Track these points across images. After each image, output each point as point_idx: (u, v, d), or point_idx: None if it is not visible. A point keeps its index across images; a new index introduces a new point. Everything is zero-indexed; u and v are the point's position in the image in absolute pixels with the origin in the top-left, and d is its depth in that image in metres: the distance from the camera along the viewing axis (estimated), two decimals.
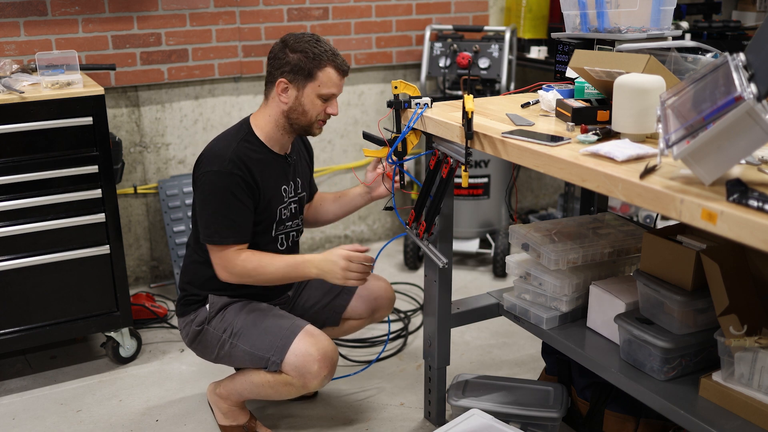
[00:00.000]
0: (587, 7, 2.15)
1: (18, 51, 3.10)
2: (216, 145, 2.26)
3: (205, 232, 2.22)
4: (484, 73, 3.63)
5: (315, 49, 2.17)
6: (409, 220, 2.34)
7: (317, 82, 2.18)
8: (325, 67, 2.18)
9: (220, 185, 2.17)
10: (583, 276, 2.24)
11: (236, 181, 2.18)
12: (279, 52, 2.21)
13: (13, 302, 2.65)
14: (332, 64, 2.18)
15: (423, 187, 2.25)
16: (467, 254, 3.88)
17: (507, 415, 2.28)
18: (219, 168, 2.17)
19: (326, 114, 2.25)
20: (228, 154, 2.19)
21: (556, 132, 1.90)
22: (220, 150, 2.22)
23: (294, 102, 2.21)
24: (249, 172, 2.20)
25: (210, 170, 2.19)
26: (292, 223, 2.42)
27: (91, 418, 2.57)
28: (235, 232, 2.20)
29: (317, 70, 2.17)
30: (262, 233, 2.31)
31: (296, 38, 2.20)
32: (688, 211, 1.42)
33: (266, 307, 2.34)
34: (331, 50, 2.20)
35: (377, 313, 2.59)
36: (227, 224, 2.19)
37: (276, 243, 2.37)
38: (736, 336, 1.73)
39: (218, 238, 2.20)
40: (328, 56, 2.18)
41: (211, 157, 2.21)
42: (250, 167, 2.21)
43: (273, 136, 2.28)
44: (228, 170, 2.17)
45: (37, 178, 2.60)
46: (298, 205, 2.42)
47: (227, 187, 2.17)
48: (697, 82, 1.54)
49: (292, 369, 2.19)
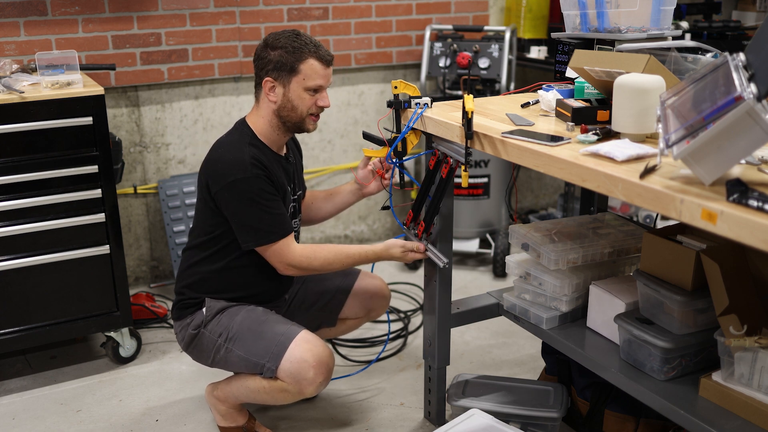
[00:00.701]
0: (587, 7, 2.15)
1: (18, 51, 3.10)
2: (227, 153, 2.22)
3: (255, 237, 2.20)
4: (484, 73, 3.63)
5: (294, 43, 2.17)
6: (407, 220, 2.34)
7: (301, 75, 2.18)
8: (306, 59, 2.17)
9: (253, 190, 2.16)
10: (583, 276, 2.24)
11: (265, 182, 2.18)
12: (261, 52, 2.21)
13: (13, 302, 2.65)
14: (314, 56, 2.17)
15: (422, 187, 2.25)
16: (467, 254, 3.88)
17: (507, 415, 2.28)
18: (244, 175, 2.16)
19: (317, 107, 2.23)
20: (246, 158, 2.18)
21: (556, 132, 1.90)
22: (235, 157, 2.19)
23: (282, 99, 2.21)
24: (269, 172, 2.21)
25: (236, 179, 2.16)
26: (293, 223, 2.42)
27: (91, 418, 2.57)
28: (285, 223, 2.22)
29: (299, 63, 2.17)
30: None
31: (276, 36, 2.20)
32: (688, 211, 1.42)
33: (262, 311, 2.33)
34: (312, 42, 2.19)
35: (373, 311, 2.59)
36: (276, 220, 2.20)
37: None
38: (736, 336, 1.73)
39: (277, 236, 2.20)
40: (309, 48, 2.17)
41: (230, 166, 2.18)
42: (267, 167, 2.21)
43: (270, 137, 2.28)
44: (254, 174, 2.16)
45: (37, 178, 2.60)
46: (297, 204, 2.43)
47: (260, 188, 2.17)
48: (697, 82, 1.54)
49: (287, 375, 2.18)
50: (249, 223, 2.20)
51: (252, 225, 2.20)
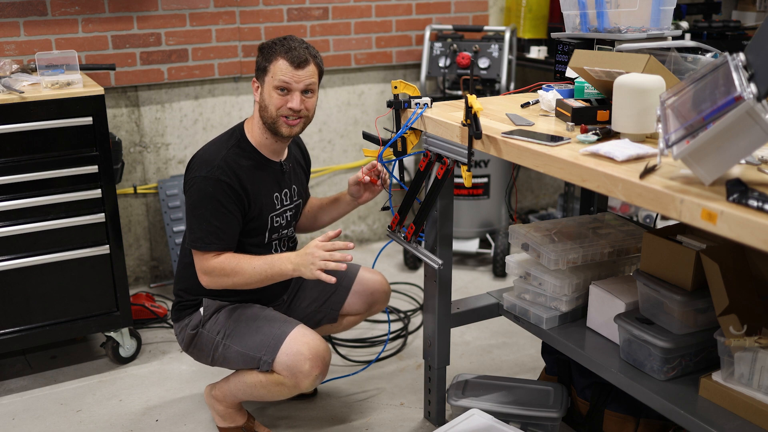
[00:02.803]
0: (587, 7, 2.15)
1: (18, 51, 3.10)
2: (207, 150, 2.26)
3: (190, 237, 2.23)
4: (484, 73, 3.63)
5: (273, 46, 2.21)
6: (393, 223, 2.33)
7: (270, 74, 2.21)
8: (276, 60, 2.19)
9: (207, 191, 2.18)
10: (583, 276, 2.24)
11: (223, 188, 2.18)
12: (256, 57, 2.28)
13: (13, 302, 2.65)
14: (283, 56, 2.19)
15: (410, 189, 2.25)
16: (467, 254, 3.88)
17: (507, 415, 2.28)
18: (206, 174, 2.18)
19: (287, 109, 2.21)
20: (217, 160, 2.20)
21: (556, 132, 1.90)
22: (209, 156, 2.22)
23: (260, 99, 2.25)
24: (237, 179, 2.20)
25: (198, 176, 2.19)
26: (288, 231, 2.42)
27: (91, 418, 2.57)
28: (218, 238, 2.20)
29: (269, 64, 2.21)
30: (255, 241, 2.32)
31: (267, 42, 2.26)
32: (688, 211, 1.42)
33: (259, 308, 2.34)
34: (289, 45, 2.20)
35: (374, 307, 2.60)
36: (211, 230, 2.19)
37: (270, 250, 2.38)
38: (736, 336, 1.73)
39: (201, 244, 2.20)
40: (281, 50, 2.19)
41: (201, 162, 2.22)
42: (238, 174, 2.21)
43: (262, 141, 2.29)
44: (215, 176, 2.17)
45: (37, 178, 2.60)
46: (294, 212, 2.42)
47: (213, 193, 2.18)
48: (697, 82, 1.54)
49: (283, 368, 2.19)
50: (190, 221, 2.23)
51: (190, 224, 2.22)
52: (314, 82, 2.23)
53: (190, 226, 2.23)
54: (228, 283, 2.22)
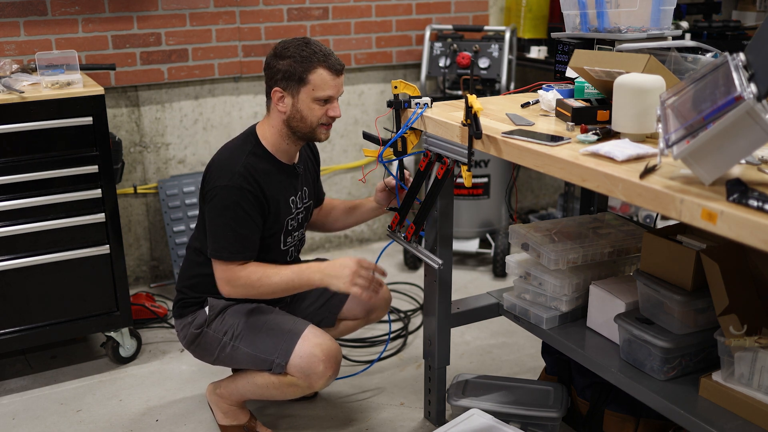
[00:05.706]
0: (587, 7, 2.15)
1: (18, 51, 3.10)
2: (224, 156, 2.22)
3: (213, 247, 2.19)
4: (484, 72, 3.63)
5: (303, 53, 2.12)
6: (392, 223, 2.32)
7: (310, 86, 2.13)
8: (315, 69, 2.12)
9: (230, 200, 2.14)
10: (583, 276, 2.24)
11: (245, 196, 2.15)
12: (270, 62, 2.18)
13: (13, 302, 2.65)
14: (323, 65, 2.13)
15: (409, 189, 2.25)
16: (467, 254, 3.88)
17: (507, 415, 2.28)
18: (228, 182, 2.14)
19: (328, 117, 2.20)
20: (237, 167, 2.16)
21: (556, 132, 1.90)
22: (228, 163, 2.18)
23: (291, 110, 2.17)
24: (258, 186, 2.18)
25: (219, 185, 2.15)
26: (299, 233, 2.41)
27: (91, 418, 2.57)
28: (243, 247, 2.17)
29: (308, 73, 2.12)
30: (273, 246, 2.30)
31: (285, 45, 2.16)
32: (688, 211, 1.42)
33: (266, 308, 2.33)
34: (322, 51, 2.14)
35: (373, 314, 2.58)
36: (236, 239, 2.16)
37: (286, 255, 2.37)
38: (736, 336, 1.73)
39: (226, 254, 2.16)
40: (318, 58, 2.12)
41: (220, 170, 2.18)
42: (258, 180, 2.18)
43: (279, 147, 2.25)
44: (238, 185, 2.14)
45: (37, 178, 2.60)
46: (305, 214, 2.41)
47: (237, 202, 2.14)
48: (697, 82, 1.54)
49: (297, 371, 2.19)
50: (212, 231, 2.19)
51: (213, 233, 2.18)
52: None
53: (213, 236, 2.18)
54: (252, 294, 2.19)
